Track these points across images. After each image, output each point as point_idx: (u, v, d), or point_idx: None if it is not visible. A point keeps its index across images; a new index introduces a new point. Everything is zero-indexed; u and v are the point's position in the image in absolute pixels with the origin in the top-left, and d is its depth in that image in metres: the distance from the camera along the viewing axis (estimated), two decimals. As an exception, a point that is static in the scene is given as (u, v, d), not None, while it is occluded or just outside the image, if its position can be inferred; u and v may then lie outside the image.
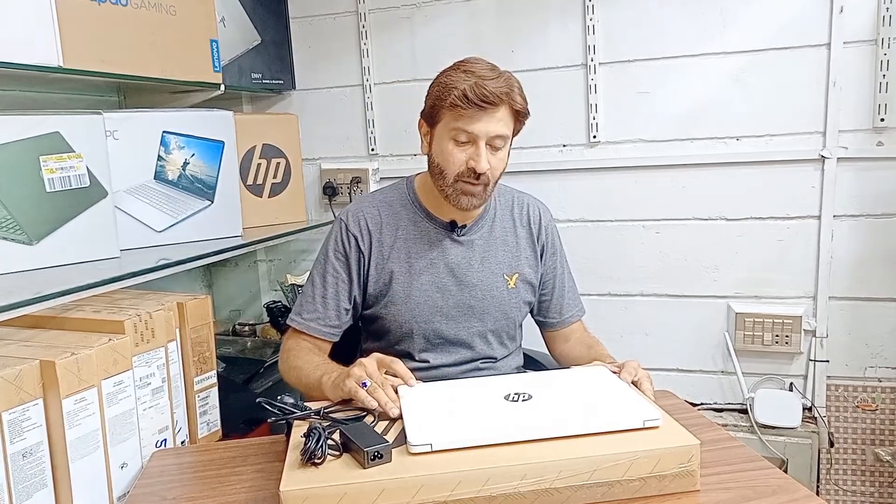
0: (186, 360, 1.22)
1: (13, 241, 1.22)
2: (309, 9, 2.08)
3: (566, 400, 1.00)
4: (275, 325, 2.01)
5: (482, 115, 1.17)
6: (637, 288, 1.93)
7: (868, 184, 1.71)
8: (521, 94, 1.21)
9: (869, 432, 1.80)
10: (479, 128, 1.18)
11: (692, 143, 1.83)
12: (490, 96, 1.15)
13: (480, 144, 1.18)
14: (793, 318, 1.78)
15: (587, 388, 1.05)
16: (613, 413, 0.94)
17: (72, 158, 1.28)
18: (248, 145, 1.85)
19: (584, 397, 1.01)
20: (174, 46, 1.55)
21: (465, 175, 1.20)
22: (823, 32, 1.69)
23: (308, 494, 0.82)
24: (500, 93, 1.17)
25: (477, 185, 1.21)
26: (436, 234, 1.31)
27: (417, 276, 1.29)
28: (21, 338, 1.06)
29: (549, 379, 1.11)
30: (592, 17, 1.84)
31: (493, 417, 0.95)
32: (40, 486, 0.95)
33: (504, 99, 1.18)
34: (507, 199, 1.38)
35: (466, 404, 1.00)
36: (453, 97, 1.17)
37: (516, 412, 0.96)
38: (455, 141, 1.20)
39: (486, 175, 1.20)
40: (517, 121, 1.23)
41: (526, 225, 1.37)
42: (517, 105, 1.20)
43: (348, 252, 1.30)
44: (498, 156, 1.22)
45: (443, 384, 1.10)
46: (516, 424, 0.92)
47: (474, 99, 1.15)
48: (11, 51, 1.20)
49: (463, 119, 1.18)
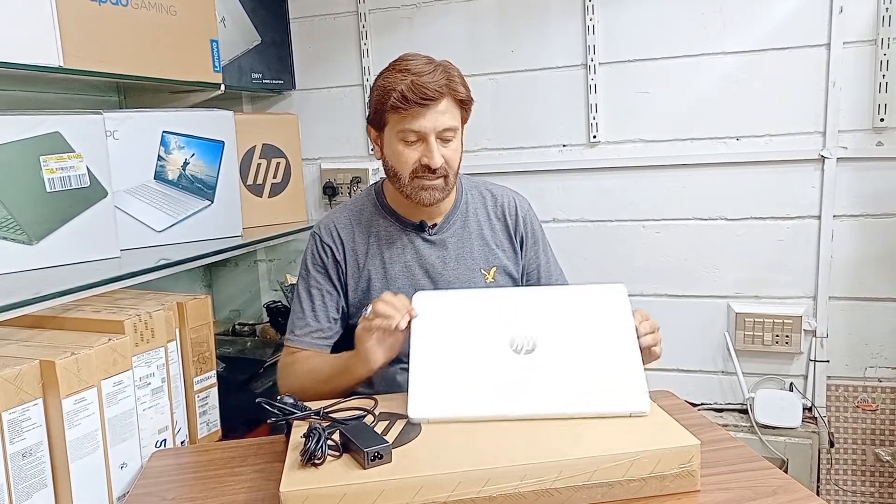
0: (186, 360, 1.22)
1: (13, 241, 1.22)
2: (309, 9, 2.08)
3: (566, 363, 1.02)
4: (275, 325, 2.00)
5: (425, 112, 1.17)
6: (637, 288, 1.93)
7: (868, 184, 1.71)
8: (462, 82, 1.22)
9: (869, 432, 1.80)
10: (425, 124, 1.18)
11: (692, 143, 1.83)
12: (429, 92, 1.16)
13: (430, 140, 1.19)
14: (793, 318, 1.78)
15: (591, 342, 1.04)
16: (605, 395, 0.98)
17: (72, 158, 1.28)
18: (248, 145, 1.85)
19: (583, 361, 1.02)
20: (174, 46, 1.55)
21: (419, 172, 1.21)
22: (823, 32, 1.69)
23: (308, 495, 0.82)
24: (439, 86, 1.17)
25: (434, 179, 1.21)
26: (408, 236, 1.30)
27: (394, 281, 1.28)
28: (21, 338, 1.06)
29: (558, 313, 1.08)
30: (592, 17, 1.84)
31: (494, 382, 1.00)
32: (40, 486, 0.95)
33: (444, 91, 1.18)
34: (479, 194, 1.37)
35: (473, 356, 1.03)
36: (393, 100, 1.17)
37: (517, 376, 1.00)
38: (405, 141, 1.20)
39: (443, 168, 1.20)
40: (463, 109, 1.23)
41: (501, 217, 1.35)
42: (459, 95, 1.21)
43: (326, 263, 1.30)
44: (450, 147, 1.22)
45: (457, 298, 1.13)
46: (513, 398, 0.98)
47: (414, 98, 1.16)
48: (11, 51, 1.20)
49: (408, 119, 1.18)
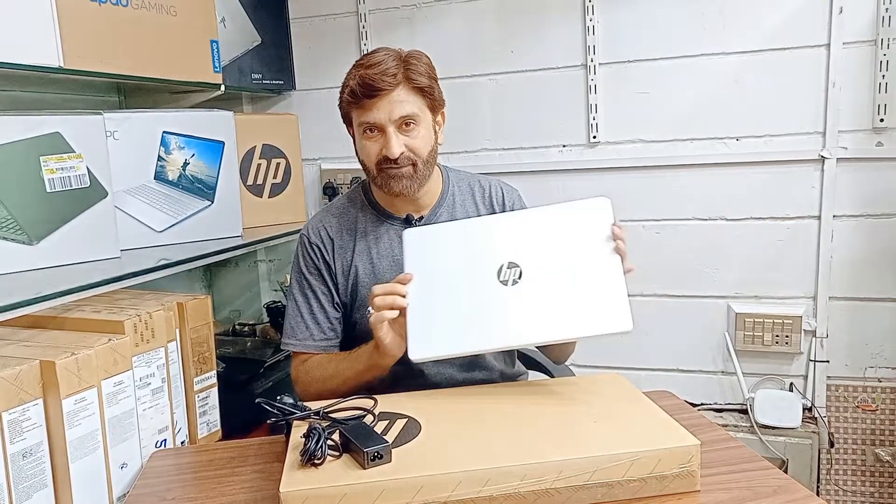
0: (186, 361, 1.22)
1: (13, 241, 1.22)
2: (309, 9, 2.08)
3: (550, 290, 1.07)
4: (275, 325, 2.00)
5: (377, 103, 1.18)
6: (637, 288, 1.92)
7: (868, 184, 1.71)
8: (424, 71, 1.20)
9: (869, 432, 1.80)
10: (379, 115, 1.18)
11: (692, 143, 1.83)
12: (374, 83, 1.16)
13: (388, 130, 1.19)
14: (793, 319, 1.79)
15: (575, 264, 1.09)
16: (589, 318, 1.05)
17: (72, 159, 1.28)
18: (248, 145, 1.85)
19: (567, 286, 1.07)
20: (174, 47, 1.55)
21: (383, 163, 1.21)
22: (823, 33, 1.69)
23: (308, 495, 0.82)
24: (388, 76, 1.16)
25: (400, 168, 1.21)
26: (395, 231, 1.29)
27: (382, 276, 1.27)
28: (21, 338, 1.06)
29: (543, 237, 1.11)
30: (592, 18, 1.84)
31: (485, 316, 1.07)
32: (40, 486, 0.95)
33: (393, 81, 1.17)
34: (467, 186, 1.36)
35: (464, 292, 1.09)
36: (346, 95, 1.21)
37: (505, 308, 1.06)
38: (366, 134, 1.21)
39: (408, 157, 1.20)
40: (425, 96, 1.22)
41: (489, 207, 1.35)
42: (417, 82, 1.19)
43: (318, 264, 1.30)
44: (415, 134, 1.20)
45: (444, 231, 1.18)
46: (503, 330, 1.06)
47: (361, 92, 1.17)
48: (11, 51, 1.20)
49: (363, 112, 1.19)
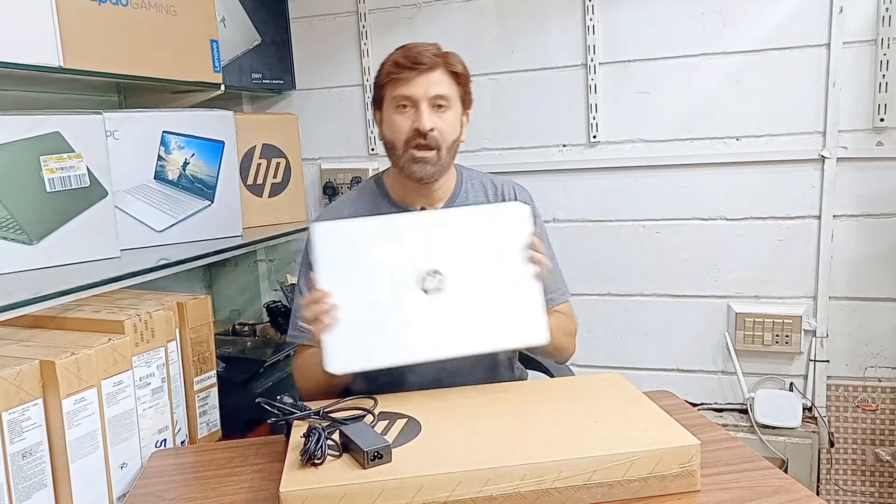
0: (186, 360, 1.22)
1: (13, 241, 1.22)
2: (309, 9, 2.08)
3: (472, 300, 1.07)
4: (275, 325, 2.00)
5: (417, 78, 1.20)
6: (637, 288, 1.93)
7: (868, 184, 1.71)
8: (460, 61, 1.25)
9: (869, 432, 1.80)
10: (416, 90, 1.20)
11: (692, 143, 1.83)
12: (420, 57, 1.19)
13: (422, 106, 1.20)
14: (793, 318, 1.78)
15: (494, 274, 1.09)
16: (508, 331, 1.08)
17: (72, 158, 1.28)
18: (248, 145, 1.85)
19: (487, 297, 1.08)
20: (174, 46, 1.55)
21: (412, 140, 1.21)
22: (823, 32, 1.69)
23: (308, 495, 0.82)
24: (431, 53, 1.20)
25: (427, 151, 1.21)
26: None
27: None
28: (21, 338, 1.06)
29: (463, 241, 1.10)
30: (592, 17, 1.84)
31: (407, 327, 1.05)
32: (40, 486, 0.95)
33: (436, 59, 1.21)
34: (480, 184, 1.37)
35: (384, 300, 1.06)
36: (387, 68, 1.23)
37: (427, 319, 1.06)
38: (399, 108, 1.22)
39: (435, 138, 1.21)
40: (459, 84, 1.25)
41: None
42: (453, 67, 1.23)
43: None
44: (444, 118, 1.22)
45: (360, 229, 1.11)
46: (425, 342, 1.06)
47: (405, 63, 1.20)
48: (11, 51, 1.20)
49: (400, 85, 1.21)
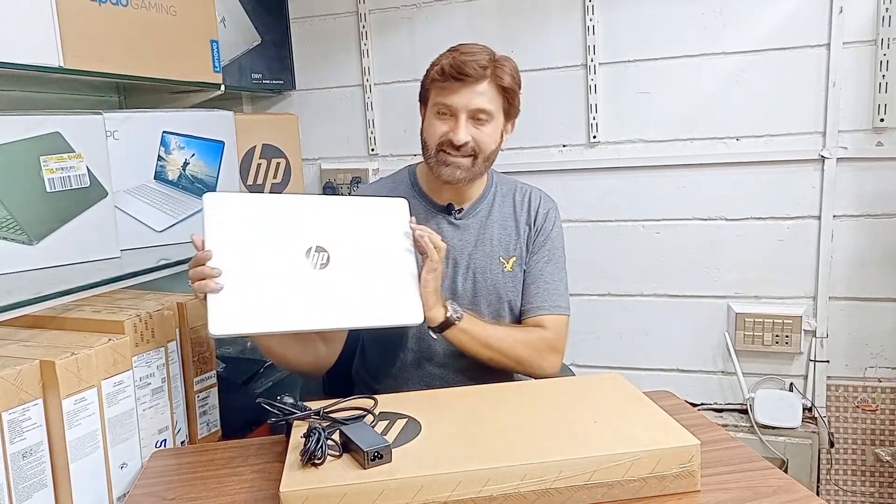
0: (186, 360, 1.22)
1: (13, 241, 1.22)
2: (309, 9, 2.08)
3: (354, 278, 1.08)
4: (275, 325, 2.00)
5: (461, 89, 1.20)
6: (637, 288, 1.93)
7: (868, 184, 1.71)
8: (509, 72, 1.23)
9: (869, 432, 1.80)
10: (458, 101, 1.20)
11: (692, 143, 1.83)
12: (466, 68, 1.18)
13: (460, 117, 1.21)
14: (793, 319, 1.79)
15: (376, 256, 1.11)
16: (386, 309, 1.09)
17: (72, 158, 1.28)
18: (248, 145, 1.85)
19: (369, 276, 1.09)
20: (174, 46, 1.55)
21: (444, 146, 1.22)
22: (823, 33, 1.69)
23: (308, 495, 0.82)
24: (478, 66, 1.19)
25: (457, 157, 1.22)
26: (433, 216, 1.31)
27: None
28: (21, 338, 1.06)
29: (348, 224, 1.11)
30: (592, 17, 1.84)
31: (292, 296, 1.04)
32: (40, 486, 0.95)
33: (482, 73, 1.19)
34: (509, 187, 1.38)
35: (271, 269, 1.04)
36: (434, 73, 1.22)
37: (312, 290, 1.05)
38: (438, 114, 1.23)
39: (470, 148, 1.21)
40: (506, 99, 1.24)
41: (526, 212, 1.36)
42: (502, 81, 1.22)
43: None
44: (483, 130, 1.23)
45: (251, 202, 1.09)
46: (308, 312, 1.04)
47: (451, 72, 1.19)
48: (11, 51, 1.20)
49: (443, 93, 1.21)
